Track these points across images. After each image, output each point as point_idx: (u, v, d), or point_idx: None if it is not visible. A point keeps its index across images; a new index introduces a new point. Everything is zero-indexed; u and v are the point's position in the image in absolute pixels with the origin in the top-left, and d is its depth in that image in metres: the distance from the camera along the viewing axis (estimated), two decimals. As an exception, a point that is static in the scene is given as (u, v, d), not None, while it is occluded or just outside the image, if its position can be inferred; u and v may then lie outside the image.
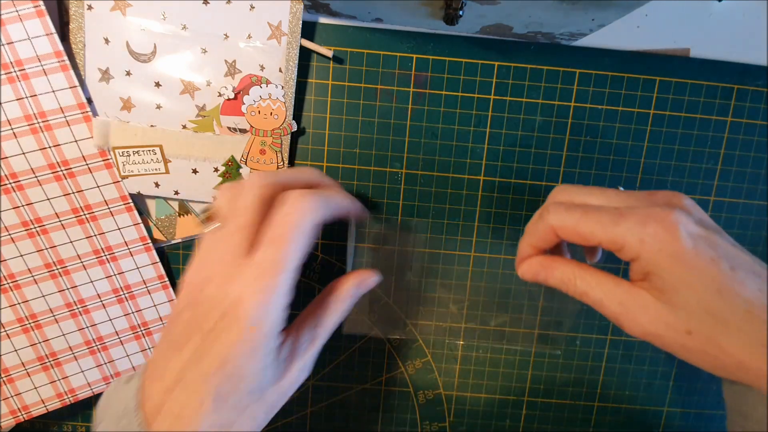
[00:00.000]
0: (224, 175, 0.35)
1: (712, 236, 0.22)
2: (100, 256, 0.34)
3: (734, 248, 0.22)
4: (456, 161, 0.36)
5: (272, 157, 0.34)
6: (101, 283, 0.35)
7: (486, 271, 0.38)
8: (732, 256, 0.22)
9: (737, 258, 0.22)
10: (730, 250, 0.22)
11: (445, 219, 0.36)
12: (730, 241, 0.23)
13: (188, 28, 0.32)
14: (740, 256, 0.22)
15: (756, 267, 0.22)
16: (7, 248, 0.33)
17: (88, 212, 0.34)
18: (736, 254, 0.22)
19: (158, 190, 0.35)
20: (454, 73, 0.35)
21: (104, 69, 0.33)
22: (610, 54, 0.35)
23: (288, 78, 0.33)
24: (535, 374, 0.39)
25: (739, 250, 0.22)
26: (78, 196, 0.33)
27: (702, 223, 0.23)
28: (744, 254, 0.22)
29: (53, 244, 0.34)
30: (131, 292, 0.35)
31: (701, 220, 0.23)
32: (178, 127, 0.34)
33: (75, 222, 0.34)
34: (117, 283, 0.35)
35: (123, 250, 0.35)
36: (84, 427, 0.40)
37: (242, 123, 0.34)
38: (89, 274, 0.35)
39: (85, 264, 0.34)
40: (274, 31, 0.33)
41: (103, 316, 0.35)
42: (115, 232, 0.34)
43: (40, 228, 0.33)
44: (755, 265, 0.22)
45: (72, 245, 0.34)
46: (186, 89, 0.33)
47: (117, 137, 0.34)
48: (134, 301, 0.36)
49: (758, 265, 0.22)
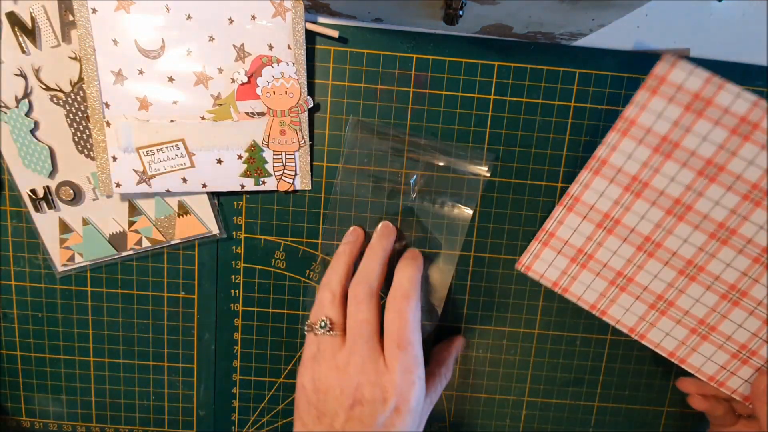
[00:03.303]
0: (248, 161, 0.35)
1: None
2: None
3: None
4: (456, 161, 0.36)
5: (293, 137, 0.35)
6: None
7: (486, 271, 0.38)
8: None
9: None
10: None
11: (445, 219, 0.36)
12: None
13: (192, 18, 0.32)
14: None
15: None
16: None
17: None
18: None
19: (186, 185, 0.35)
20: (454, 73, 0.35)
21: (117, 71, 0.33)
22: (610, 54, 0.35)
23: (298, 54, 0.33)
24: (535, 374, 0.39)
25: None
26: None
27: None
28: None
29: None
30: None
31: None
32: (196, 119, 0.34)
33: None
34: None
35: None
36: (84, 427, 0.40)
37: (259, 106, 0.34)
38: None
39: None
40: (278, 8, 0.32)
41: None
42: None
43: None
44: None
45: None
46: (199, 80, 0.33)
47: (139, 137, 0.34)
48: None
49: None
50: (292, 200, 0.37)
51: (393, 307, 0.30)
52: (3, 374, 0.39)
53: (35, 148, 0.35)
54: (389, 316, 0.30)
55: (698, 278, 0.32)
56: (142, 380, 0.40)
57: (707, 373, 0.34)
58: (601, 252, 0.33)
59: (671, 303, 0.33)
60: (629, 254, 0.33)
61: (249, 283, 0.38)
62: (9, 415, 0.40)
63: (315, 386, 0.30)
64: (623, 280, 0.33)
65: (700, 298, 0.32)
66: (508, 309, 0.38)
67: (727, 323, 0.33)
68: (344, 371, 0.29)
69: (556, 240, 0.34)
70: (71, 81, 0.34)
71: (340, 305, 0.31)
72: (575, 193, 0.33)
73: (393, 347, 0.29)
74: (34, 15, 0.33)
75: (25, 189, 0.35)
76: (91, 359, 0.39)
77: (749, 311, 0.32)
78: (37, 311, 0.38)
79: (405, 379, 0.29)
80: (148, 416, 0.40)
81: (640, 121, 0.31)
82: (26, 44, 0.33)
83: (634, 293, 0.33)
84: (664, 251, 0.32)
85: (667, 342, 0.34)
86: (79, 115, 0.34)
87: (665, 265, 0.32)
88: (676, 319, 0.33)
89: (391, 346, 0.29)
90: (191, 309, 0.38)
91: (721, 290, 0.32)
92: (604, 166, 0.32)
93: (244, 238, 0.37)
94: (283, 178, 0.36)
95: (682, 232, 0.32)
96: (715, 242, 0.31)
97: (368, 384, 0.29)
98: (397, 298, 0.31)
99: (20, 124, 0.34)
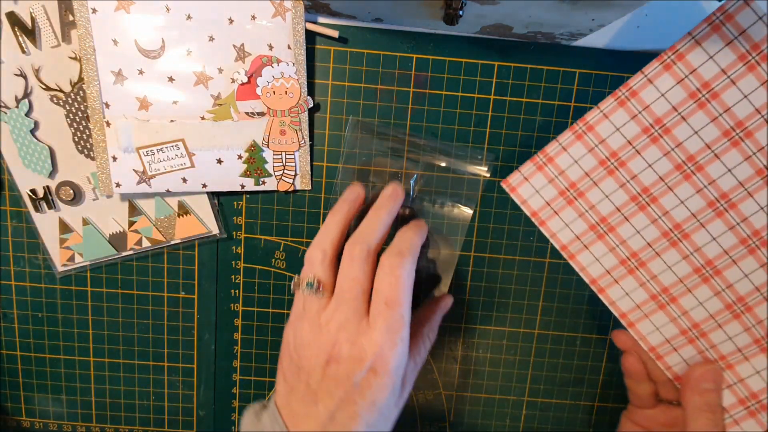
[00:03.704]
0: (249, 161, 0.35)
1: None
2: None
3: None
4: (456, 161, 0.36)
5: (293, 137, 0.35)
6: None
7: (486, 271, 0.38)
8: None
9: None
10: None
11: (445, 219, 0.36)
12: None
13: (192, 18, 0.32)
14: None
15: None
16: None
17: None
18: None
19: (186, 185, 0.35)
20: (454, 73, 0.35)
21: (117, 71, 0.33)
22: (610, 54, 0.35)
23: (298, 54, 0.33)
24: (535, 374, 0.39)
25: None
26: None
27: None
28: None
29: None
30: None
31: None
32: (196, 119, 0.34)
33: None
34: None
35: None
36: (84, 427, 0.40)
37: (259, 106, 0.34)
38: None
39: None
40: (278, 8, 0.32)
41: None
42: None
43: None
44: None
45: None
46: (199, 80, 0.33)
47: (139, 137, 0.34)
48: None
49: None
50: (292, 200, 0.37)
51: (386, 264, 0.29)
52: (3, 374, 0.39)
53: (35, 148, 0.35)
54: (381, 273, 0.29)
55: (679, 245, 0.30)
56: (142, 380, 0.40)
57: (650, 343, 0.32)
58: (593, 192, 0.31)
59: (643, 263, 0.31)
60: (621, 202, 0.30)
61: (249, 283, 0.38)
62: (9, 415, 0.40)
63: (296, 342, 0.29)
64: (605, 227, 0.31)
65: (673, 266, 0.31)
66: (508, 309, 0.38)
67: (689, 298, 0.31)
68: (325, 328, 0.28)
69: (553, 166, 0.31)
70: (71, 81, 0.34)
71: (330, 266, 0.30)
72: (592, 120, 0.30)
73: (381, 304, 0.28)
74: (34, 15, 0.33)
75: (25, 189, 0.35)
76: (91, 359, 0.39)
77: (715, 292, 0.31)
78: (37, 311, 0.38)
79: (387, 338, 0.27)
80: (148, 416, 0.40)
81: (687, 59, 0.27)
82: (26, 44, 0.33)
83: (610, 244, 0.31)
84: (657, 207, 0.30)
85: (623, 302, 0.32)
86: (79, 115, 0.34)
87: (652, 223, 0.30)
88: (641, 281, 0.32)
89: (379, 303, 0.28)
90: (191, 309, 0.38)
91: (697, 263, 0.30)
92: (633, 99, 0.29)
93: (244, 238, 0.37)
94: (283, 178, 0.36)
95: (683, 192, 0.29)
96: (711, 212, 0.30)
97: (346, 342, 0.28)
98: (392, 256, 0.29)
99: (20, 124, 0.34)
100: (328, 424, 0.27)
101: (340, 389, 0.27)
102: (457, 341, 0.39)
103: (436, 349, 0.39)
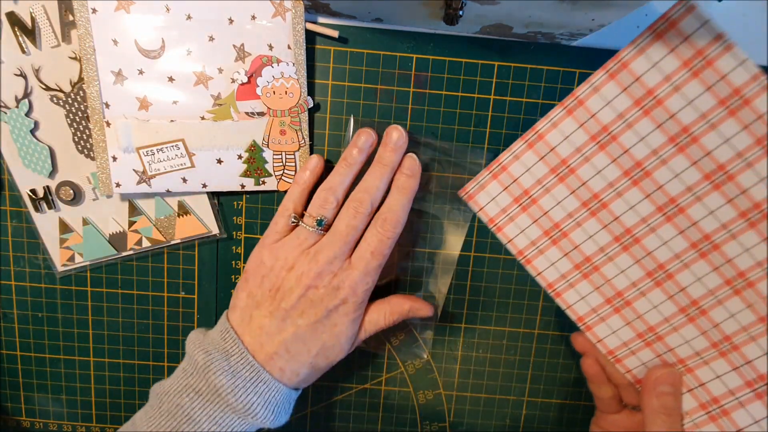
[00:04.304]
0: (249, 161, 0.35)
1: None
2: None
3: None
4: (456, 161, 0.36)
5: (293, 137, 0.35)
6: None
7: (486, 271, 0.38)
8: None
9: None
10: None
11: (445, 219, 0.36)
12: None
13: (192, 18, 0.32)
14: None
15: None
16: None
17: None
18: None
19: (186, 185, 0.35)
20: (454, 73, 0.35)
21: (117, 71, 0.33)
22: (610, 54, 0.34)
23: (298, 54, 0.33)
24: (535, 374, 0.39)
25: None
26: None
27: None
28: None
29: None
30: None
31: None
32: (196, 119, 0.34)
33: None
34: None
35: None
36: (84, 427, 0.40)
37: (259, 106, 0.34)
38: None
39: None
40: (278, 8, 0.32)
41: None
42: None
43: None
44: None
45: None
46: (199, 80, 0.33)
47: (139, 137, 0.34)
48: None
49: None
50: (292, 200, 0.37)
51: (380, 225, 0.32)
52: (3, 374, 0.39)
53: (35, 148, 0.35)
54: (373, 230, 0.32)
55: (631, 249, 0.31)
56: (142, 380, 0.40)
57: (608, 346, 0.33)
58: (545, 199, 0.31)
59: (597, 268, 0.32)
60: (572, 208, 0.31)
61: (249, 283, 0.38)
62: (9, 415, 0.40)
63: (279, 265, 0.32)
64: (558, 232, 0.32)
65: (626, 269, 0.31)
66: (508, 309, 0.38)
67: (643, 301, 0.31)
68: (314, 258, 0.32)
69: (507, 175, 0.32)
70: (71, 81, 0.34)
71: (337, 209, 0.33)
72: (542, 129, 0.31)
73: (367, 252, 0.32)
74: (34, 15, 0.33)
75: (25, 189, 0.35)
76: (91, 359, 0.39)
77: (669, 295, 0.31)
78: (37, 311, 0.38)
79: (362, 280, 0.32)
80: (148, 416, 0.40)
81: (631, 67, 0.28)
82: (26, 44, 0.33)
83: (564, 249, 0.32)
84: (607, 213, 0.30)
85: (579, 306, 0.33)
86: (79, 115, 0.34)
87: (603, 228, 0.31)
88: (596, 285, 0.32)
89: (365, 251, 0.32)
90: (191, 309, 0.38)
91: (649, 267, 0.31)
92: (580, 107, 0.29)
93: (244, 238, 0.37)
94: (283, 178, 0.36)
95: (632, 197, 0.30)
96: (660, 217, 0.30)
97: (329, 273, 0.32)
98: (388, 221, 0.32)
99: (20, 124, 0.34)
100: (291, 339, 0.32)
101: (312, 310, 0.32)
102: (457, 341, 0.39)
103: (437, 349, 0.39)
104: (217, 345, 0.32)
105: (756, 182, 0.28)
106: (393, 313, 0.35)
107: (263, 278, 0.33)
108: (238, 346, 0.32)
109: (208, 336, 0.33)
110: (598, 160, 0.30)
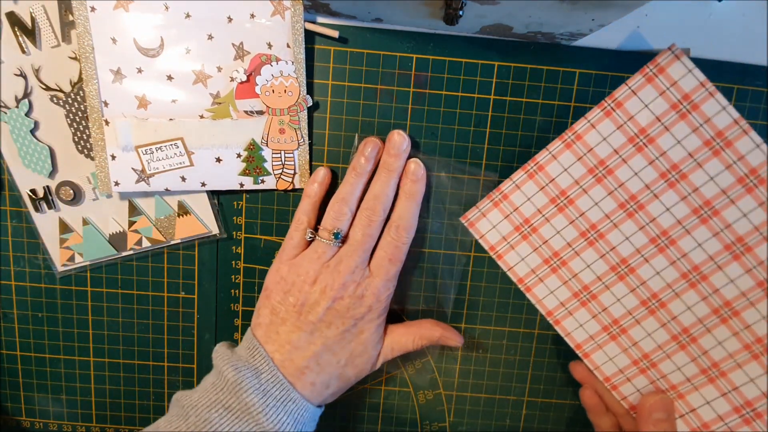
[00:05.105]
0: (248, 159, 0.35)
1: None
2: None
3: None
4: (456, 161, 0.36)
5: (292, 135, 0.35)
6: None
7: (486, 271, 0.38)
8: None
9: None
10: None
11: (445, 219, 0.36)
12: None
13: (191, 16, 0.32)
14: None
15: None
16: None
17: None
18: None
19: (185, 184, 0.35)
20: (454, 73, 0.35)
21: (115, 69, 0.33)
22: (610, 54, 0.35)
23: (297, 52, 0.33)
24: (535, 374, 0.39)
25: None
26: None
27: None
28: None
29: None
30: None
31: None
32: (195, 117, 0.34)
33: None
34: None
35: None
36: (84, 427, 0.40)
37: (258, 105, 0.34)
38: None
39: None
40: (277, 6, 0.32)
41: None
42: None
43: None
44: None
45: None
46: (198, 78, 0.33)
47: (138, 136, 0.34)
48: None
49: None
50: (292, 200, 0.37)
51: (393, 233, 0.33)
52: (3, 374, 0.39)
53: (35, 148, 0.35)
54: (388, 238, 0.33)
55: (626, 278, 0.32)
56: (142, 380, 0.40)
57: (605, 373, 0.34)
58: (545, 228, 0.33)
59: (594, 296, 0.33)
60: (571, 237, 0.32)
61: (249, 283, 0.38)
62: (9, 415, 0.40)
63: (301, 280, 0.33)
64: (557, 261, 0.33)
65: (622, 298, 0.33)
66: (508, 309, 0.38)
67: (638, 329, 0.33)
68: (335, 269, 0.33)
69: (508, 203, 0.33)
70: (71, 81, 0.34)
71: (350, 220, 0.34)
72: (541, 160, 0.32)
73: (385, 260, 0.33)
74: (34, 15, 0.33)
75: (25, 189, 0.35)
76: (91, 359, 0.39)
77: (662, 323, 0.32)
78: (37, 311, 0.38)
79: (384, 286, 0.33)
80: (148, 416, 0.40)
81: (626, 106, 0.30)
82: (26, 44, 0.33)
83: (564, 277, 0.33)
84: (604, 243, 0.32)
85: (578, 333, 0.34)
86: (79, 115, 0.34)
87: (601, 258, 0.32)
88: (594, 313, 0.33)
89: (383, 259, 0.33)
90: (191, 309, 0.38)
91: (644, 296, 0.32)
92: (578, 141, 0.31)
93: (244, 238, 0.37)
94: (282, 177, 0.36)
95: (627, 229, 0.32)
96: (653, 248, 0.31)
97: (353, 283, 0.33)
98: (400, 228, 0.33)
99: (20, 124, 0.34)
100: (321, 351, 0.33)
101: (339, 321, 0.33)
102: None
103: (437, 349, 0.39)
104: (247, 362, 0.32)
105: (739, 217, 0.30)
106: (423, 338, 0.35)
107: (286, 294, 0.33)
108: (268, 363, 0.32)
109: (236, 352, 0.33)
110: (595, 192, 0.32)
